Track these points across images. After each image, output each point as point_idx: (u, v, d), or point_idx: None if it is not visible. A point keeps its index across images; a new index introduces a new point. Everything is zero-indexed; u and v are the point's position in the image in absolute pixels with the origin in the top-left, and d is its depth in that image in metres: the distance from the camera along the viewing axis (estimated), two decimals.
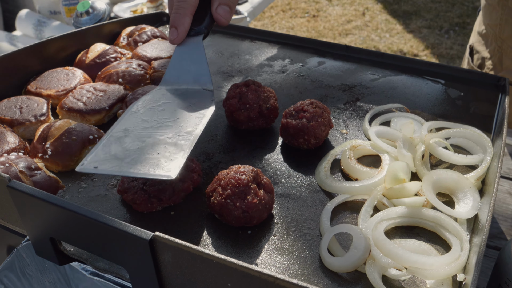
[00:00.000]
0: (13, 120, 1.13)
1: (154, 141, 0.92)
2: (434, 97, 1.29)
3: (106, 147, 0.91)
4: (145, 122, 0.98)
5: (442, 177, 0.97)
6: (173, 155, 0.88)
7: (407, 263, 0.80)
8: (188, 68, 1.09)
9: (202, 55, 1.08)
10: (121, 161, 0.87)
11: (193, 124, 0.97)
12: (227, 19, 1.08)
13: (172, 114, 1.00)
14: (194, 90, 1.07)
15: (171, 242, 0.70)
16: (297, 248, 0.88)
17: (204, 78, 1.08)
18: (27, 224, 0.87)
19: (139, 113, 1.01)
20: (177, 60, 1.10)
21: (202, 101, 1.04)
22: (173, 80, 1.10)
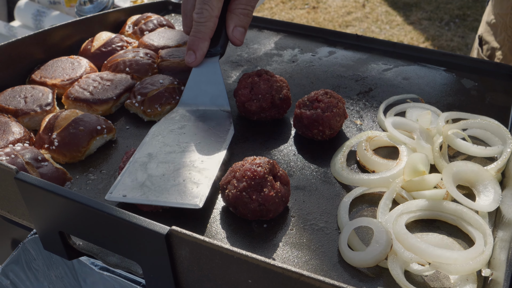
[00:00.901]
0: (18, 110, 1.09)
1: (178, 167, 0.93)
2: (449, 88, 1.25)
3: (132, 174, 0.92)
4: (167, 146, 0.98)
5: (462, 169, 0.94)
6: (198, 181, 0.89)
7: (431, 258, 0.77)
8: (205, 89, 1.10)
9: (219, 76, 1.10)
10: (148, 188, 0.88)
11: (215, 148, 0.98)
12: (241, 40, 1.10)
13: (193, 138, 1.01)
14: (211, 111, 1.09)
15: (189, 237, 0.67)
16: (315, 242, 0.85)
17: (221, 99, 1.10)
18: (35, 218, 0.83)
19: (161, 137, 1.02)
20: (194, 81, 1.11)
21: (221, 124, 1.05)
22: (190, 101, 1.11)
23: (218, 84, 1.10)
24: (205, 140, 1.00)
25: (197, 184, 0.88)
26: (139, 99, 1.13)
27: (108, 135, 1.06)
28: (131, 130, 1.12)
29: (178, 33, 1.40)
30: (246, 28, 1.11)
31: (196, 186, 0.88)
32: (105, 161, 1.03)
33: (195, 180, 0.89)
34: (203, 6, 1.04)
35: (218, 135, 1.01)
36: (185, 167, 0.92)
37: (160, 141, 1.00)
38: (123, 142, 1.08)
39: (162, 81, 1.15)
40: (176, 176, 0.90)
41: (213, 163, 0.93)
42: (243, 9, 1.09)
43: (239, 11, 1.09)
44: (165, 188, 0.88)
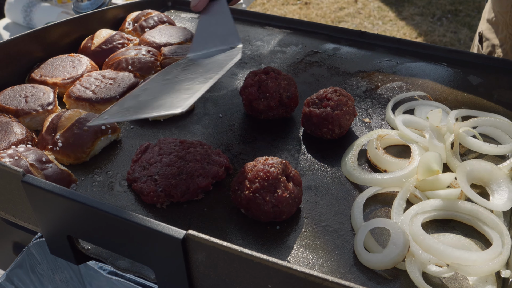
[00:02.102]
0: (19, 109, 1.07)
1: (170, 90, 0.86)
2: (455, 84, 1.24)
3: (121, 103, 0.87)
4: (166, 80, 0.93)
5: (475, 168, 0.92)
6: (187, 94, 0.81)
7: (449, 259, 0.76)
8: (215, 31, 1.04)
9: (229, 17, 1.04)
10: (135, 108, 0.83)
11: (217, 67, 0.91)
12: None
13: (194, 69, 0.95)
14: (221, 50, 1.02)
15: (206, 241, 0.65)
16: (330, 244, 0.83)
17: (232, 37, 1.03)
18: (42, 222, 0.81)
19: (161, 75, 0.97)
20: (203, 26, 1.05)
21: (228, 55, 0.98)
22: (200, 47, 1.05)
23: (228, 23, 1.04)
24: (206, 68, 0.94)
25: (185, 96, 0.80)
26: None
27: (112, 135, 1.03)
28: (135, 129, 1.09)
29: (179, 30, 1.38)
30: None
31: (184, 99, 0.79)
32: (110, 162, 1.01)
33: (183, 95, 0.81)
34: None
35: (223, 58, 0.96)
36: (176, 89, 0.86)
37: (160, 78, 0.95)
38: (128, 142, 1.06)
39: None
40: (164, 96, 0.84)
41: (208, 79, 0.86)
42: None
43: None
44: (149, 105, 0.82)
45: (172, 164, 0.93)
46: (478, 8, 5.34)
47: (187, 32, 1.37)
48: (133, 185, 0.92)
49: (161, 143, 0.99)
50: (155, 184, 0.90)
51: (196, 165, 0.93)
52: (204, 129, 1.09)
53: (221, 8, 1.05)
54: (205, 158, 0.96)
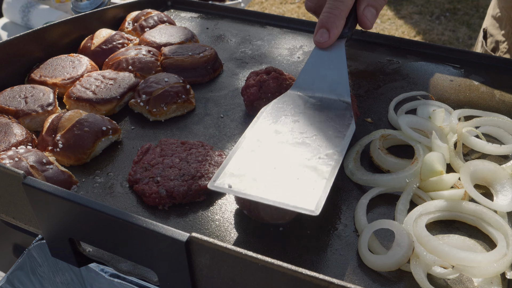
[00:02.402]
0: (18, 110, 1.06)
1: (292, 162, 0.82)
2: (457, 84, 1.24)
3: (239, 161, 0.82)
4: (279, 134, 0.88)
5: (479, 168, 0.92)
6: (315, 182, 0.78)
7: (455, 261, 0.75)
8: (325, 73, 0.99)
9: (343, 61, 0.99)
10: (257, 182, 0.78)
11: (333, 145, 0.86)
12: (372, 22, 1.00)
13: (309, 129, 0.89)
14: (329, 100, 0.97)
15: (210, 244, 0.64)
16: (333, 245, 0.83)
17: (342, 88, 0.98)
18: (43, 224, 0.80)
19: (272, 121, 0.91)
20: (314, 63, 1.00)
21: (340, 116, 0.93)
22: (306, 86, 0.99)
23: (341, 70, 0.98)
24: (322, 133, 0.88)
25: (314, 185, 0.77)
26: (144, 98, 1.09)
27: (113, 136, 1.02)
28: (136, 130, 1.08)
29: (179, 29, 1.37)
30: (379, 11, 1.00)
31: (312, 188, 0.77)
32: (111, 163, 1.00)
33: (311, 180, 0.78)
34: None
35: (336, 128, 0.89)
36: (300, 163, 0.81)
37: (271, 127, 0.89)
38: (128, 143, 1.05)
39: (167, 79, 1.12)
40: (289, 172, 0.80)
41: (332, 163, 0.82)
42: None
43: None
44: (276, 185, 0.77)
45: (174, 166, 0.93)
46: (476, 6, 5.34)
47: (188, 32, 1.36)
48: (135, 186, 0.92)
49: (163, 144, 0.98)
50: (157, 186, 0.89)
51: (198, 167, 0.93)
52: (205, 130, 1.09)
53: (338, 49, 0.99)
54: (207, 159, 0.95)
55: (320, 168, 0.81)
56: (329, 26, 0.97)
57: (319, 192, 0.76)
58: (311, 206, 0.74)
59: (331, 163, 0.82)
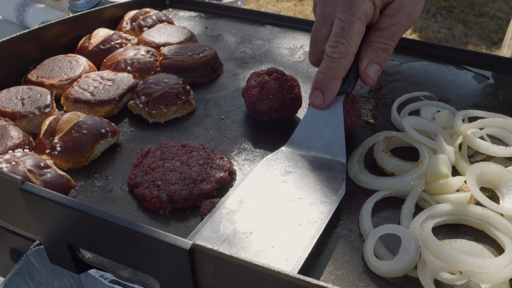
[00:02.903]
0: (15, 112, 1.04)
1: (270, 228, 0.79)
2: (460, 84, 1.22)
3: (216, 223, 0.79)
4: (264, 195, 0.85)
5: (485, 171, 0.90)
6: (289, 252, 0.75)
7: (463, 266, 0.74)
8: (321, 131, 0.95)
9: (340, 119, 0.94)
10: (230, 248, 0.75)
11: (318, 211, 0.83)
12: (374, 80, 0.95)
13: (295, 191, 0.86)
14: (323, 159, 0.93)
15: (214, 252, 0.63)
16: (338, 251, 0.81)
17: (337, 147, 0.94)
18: (42, 230, 0.78)
19: (259, 180, 0.88)
20: (310, 120, 0.96)
21: (331, 179, 0.89)
22: (301, 143, 0.96)
23: (337, 129, 0.94)
24: (309, 197, 0.85)
25: (287, 255, 0.74)
26: (143, 99, 1.08)
27: (112, 139, 1.00)
28: (135, 132, 1.07)
29: (178, 29, 1.35)
30: (382, 66, 0.95)
31: (286, 258, 0.74)
32: (110, 166, 0.98)
33: (286, 249, 0.75)
34: (340, 40, 0.89)
35: (324, 193, 0.86)
36: (278, 229, 0.79)
37: (257, 187, 0.87)
38: (128, 145, 1.03)
39: (166, 80, 1.10)
40: (265, 238, 0.77)
41: (311, 231, 0.79)
42: (383, 43, 0.94)
43: (378, 46, 0.93)
44: (249, 252, 0.75)
45: (174, 169, 0.91)
46: (472, 4, 5.33)
47: (187, 32, 1.34)
48: (135, 190, 0.90)
49: (163, 147, 0.97)
50: (157, 190, 0.87)
51: (199, 170, 0.91)
52: (206, 132, 1.07)
53: (336, 106, 0.95)
54: (208, 162, 0.93)
55: (298, 236, 0.78)
56: (323, 89, 0.93)
57: (292, 263, 0.73)
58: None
59: (311, 231, 0.79)
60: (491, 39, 4.59)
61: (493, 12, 5.08)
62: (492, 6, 5.17)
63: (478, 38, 4.66)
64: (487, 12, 5.10)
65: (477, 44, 4.50)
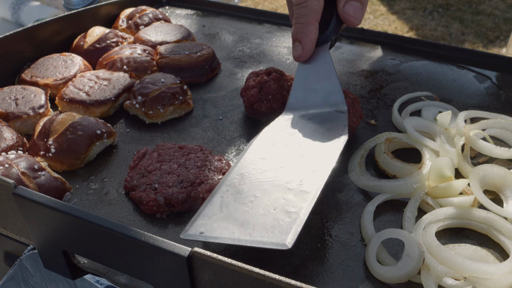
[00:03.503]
0: (9, 113, 1.01)
1: (271, 190, 0.76)
2: (461, 84, 1.20)
3: (216, 202, 0.77)
4: (264, 161, 0.82)
5: (489, 173, 0.89)
6: (292, 210, 0.71)
7: (467, 272, 0.72)
8: (315, 86, 0.92)
9: (331, 69, 0.91)
10: (231, 221, 0.72)
11: (320, 161, 0.79)
12: (358, 18, 0.89)
13: (296, 151, 0.83)
14: (323, 113, 0.90)
15: (214, 260, 0.61)
16: (340, 256, 0.79)
17: (335, 97, 0.90)
18: (36, 235, 0.76)
19: (260, 151, 0.85)
20: (301, 78, 0.93)
21: (332, 129, 0.85)
22: (298, 104, 0.93)
23: (331, 78, 0.90)
24: (310, 152, 0.81)
25: (290, 214, 0.70)
26: (140, 99, 1.05)
27: (108, 140, 0.98)
28: (132, 133, 1.04)
29: (175, 27, 1.33)
30: (364, 3, 0.89)
31: (288, 217, 0.70)
32: (106, 168, 0.96)
33: (288, 209, 0.71)
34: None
35: (326, 144, 0.82)
36: (279, 190, 0.75)
37: (258, 156, 0.84)
38: (124, 147, 1.01)
39: (163, 80, 1.08)
40: (266, 204, 0.74)
41: (315, 183, 0.75)
42: None
43: None
44: (250, 222, 0.71)
45: (172, 172, 0.89)
46: (469, 2, 5.32)
47: (184, 30, 1.32)
48: (131, 193, 0.88)
49: (160, 148, 0.94)
50: (154, 193, 0.85)
51: (197, 172, 0.89)
52: (203, 132, 1.05)
53: (323, 56, 0.91)
54: (206, 164, 0.91)
55: (301, 192, 0.74)
56: (299, 37, 0.89)
57: (293, 222, 0.69)
58: (283, 239, 0.67)
59: (315, 184, 0.75)
60: (487, 37, 4.57)
61: (489, 10, 5.07)
62: (488, 4, 5.16)
63: (474, 36, 4.65)
64: (483, 10, 5.09)
65: (473, 42, 4.49)
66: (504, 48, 4.00)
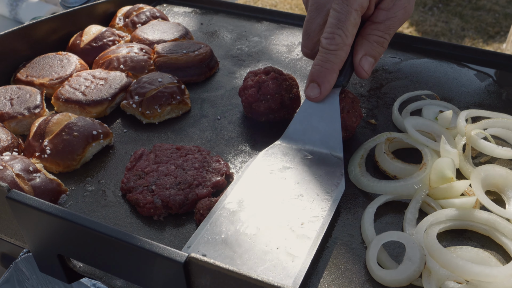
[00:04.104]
0: (4, 113, 1.00)
1: (273, 227, 0.77)
2: (462, 83, 1.19)
3: (217, 225, 0.77)
4: (264, 193, 0.83)
5: (490, 174, 0.88)
6: (295, 253, 0.73)
7: (469, 276, 0.71)
8: (317, 125, 0.93)
9: (336, 113, 0.92)
10: (234, 250, 0.73)
11: (319, 207, 0.81)
12: (369, 72, 0.93)
13: (295, 188, 0.84)
14: (320, 154, 0.91)
15: (211, 265, 0.59)
16: (340, 258, 0.78)
17: (334, 141, 0.92)
18: (30, 239, 0.75)
19: (257, 178, 0.86)
20: (305, 113, 0.94)
21: (329, 174, 0.87)
22: (296, 137, 0.94)
23: (334, 122, 0.92)
24: (309, 193, 0.83)
25: (293, 257, 0.72)
26: (137, 99, 1.04)
27: (104, 141, 0.97)
28: (129, 134, 1.03)
29: (173, 25, 1.31)
30: (377, 59, 0.94)
31: (292, 260, 0.72)
32: (103, 169, 0.94)
33: (291, 251, 0.73)
34: (336, 31, 0.87)
35: (324, 189, 0.84)
36: (281, 229, 0.76)
37: (256, 185, 0.85)
38: (121, 147, 1.00)
39: (161, 79, 1.07)
40: (268, 240, 0.75)
41: (315, 230, 0.77)
42: (379, 36, 0.93)
43: (374, 38, 0.92)
44: (253, 254, 0.72)
45: (169, 173, 0.87)
46: None
47: (181, 28, 1.30)
48: (128, 195, 0.87)
49: (157, 149, 0.93)
50: (151, 195, 0.84)
51: (194, 174, 0.88)
52: (201, 133, 1.03)
53: (332, 99, 0.93)
54: (204, 165, 0.90)
55: (302, 236, 0.76)
56: (320, 81, 0.91)
57: (298, 264, 0.71)
58: (289, 283, 0.69)
59: (314, 231, 0.77)
60: (487, 32, 4.56)
61: (489, 5, 5.05)
62: (488, 0, 5.14)
63: (474, 32, 4.63)
64: (483, 6, 5.07)
65: (474, 37, 4.47)
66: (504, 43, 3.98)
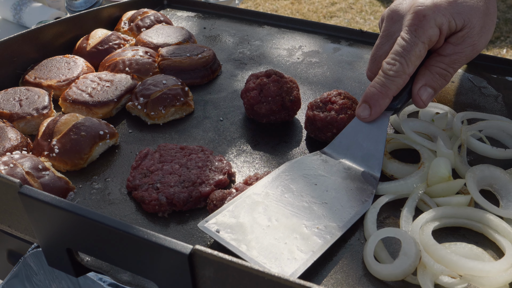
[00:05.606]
0: (13, 114, 1.03)
1: (287, 224, 0.80)
2: (458, 85, 1.22)
3: (237, 208, 0.81)
4: (290, 191, 0.86)
5: (485, 174, 0.90)
6: (299, 253, 0.76)
7: (463, 271, 0.74)
8: (362, 143, 0.94)
9: (383, 135, 0.93)
10: (245, 234, 0.77)
11: (339, 218, 0.83)
12: (426, 103, 0.93)
13: (322, 195, 0.86)
14: (358, 170, 0.93)
15: (214, 257, 0.62)
16: (338, 254, 0.81)
17: (374, 161, 0.93)
18: (40, 234, 0.77)
19: (289, 178, 0.89)
20: (353, 129, 0.96)
21: (360, 190, 0.89)
22: (340, 150, 0.96)
23: (378, 143, 0.93)
24: (333, 203, 0.85)
25: (296, 256, 0.75)
26: (142, 101, 1.07)
27: (111, 141, 1.00)
28: (134, 134, 1.06)
29: (176, 29, 1.34)
30: (437, 91, 0.93)
31: (294, 258, 0.75)
32: (109, 168, 0.97)
33: (296, 249, 0.76)
34: (398, 58, 0.88)
35: (350, 203, 0.86)
36: (294, 228, 0.80)
37: (286, 183, 0.88)
38: (126, 147, 1.03)
39: (165, 81, 1.10)
40: (279, 234, 0.78)
41: (327, 237, 0.80)
42: (442, 69, 0.91)
43: (437, 70, 0.91)
44: (261, 244, 0.76)
45: (173, 172, 0.90)
46: None
47: (185, 32, 1.34)
48: (133, 193, 0.89)
49: (161, 149, 0.96)
50: (156, 193, 0.87)
51: (198, 172, 0.91)
52: (204, 133, 1.06)
53: (381, 121, 0.94)
54: (207, 164, 0.93)
55: (313, 238, 0.79)
56: (372, 103, 0.91)
57: (298, 263, 0.75)
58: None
59: (326, 237, 0.80)
60: None
61: None
62: None
63: None
64: None
65: None
66: (505, 48, 4.01)
